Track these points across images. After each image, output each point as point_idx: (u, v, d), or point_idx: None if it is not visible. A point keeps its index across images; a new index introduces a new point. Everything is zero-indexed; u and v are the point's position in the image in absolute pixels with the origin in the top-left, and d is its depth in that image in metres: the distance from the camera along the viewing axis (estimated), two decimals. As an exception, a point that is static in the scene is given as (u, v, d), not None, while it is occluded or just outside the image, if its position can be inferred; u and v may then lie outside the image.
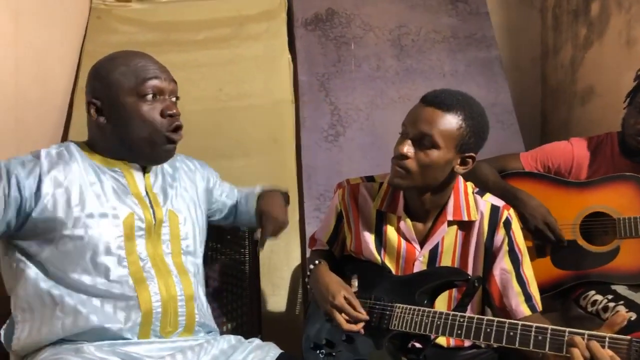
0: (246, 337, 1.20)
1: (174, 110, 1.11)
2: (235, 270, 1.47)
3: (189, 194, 1.25)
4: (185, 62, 2.22)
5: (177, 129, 1.13)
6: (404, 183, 1.19)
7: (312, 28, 2.40)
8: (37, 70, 1.83)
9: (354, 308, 1.19)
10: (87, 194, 1.07)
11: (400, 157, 1.16)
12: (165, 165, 1.23)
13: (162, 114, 1.11)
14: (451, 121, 1.13)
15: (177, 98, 1.17)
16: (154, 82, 1.10)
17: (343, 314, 1.19)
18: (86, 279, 1.04)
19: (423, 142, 1.14)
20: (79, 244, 1.04)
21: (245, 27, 2.36)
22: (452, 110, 1.13)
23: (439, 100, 1.14)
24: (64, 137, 2.06)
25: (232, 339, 1.17)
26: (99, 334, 1.03)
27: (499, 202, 1.27)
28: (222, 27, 2.35)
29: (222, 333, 1.29)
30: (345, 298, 1.20)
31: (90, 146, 1.15)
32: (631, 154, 1.54)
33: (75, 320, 1.02)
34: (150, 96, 1.10)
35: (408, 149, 1.15)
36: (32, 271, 1.05)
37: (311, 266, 1.34)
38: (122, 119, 1.09)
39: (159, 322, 1.07)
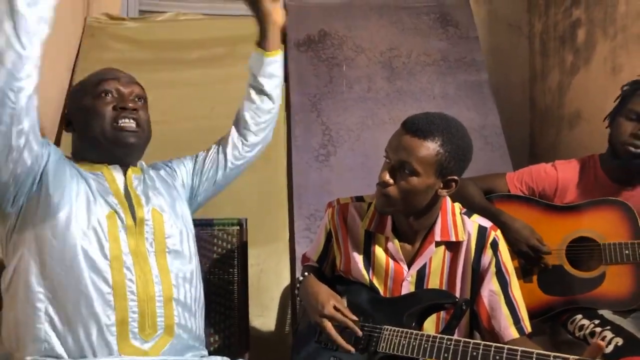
0: (234, 358, 1.20)
1: (129, 104, 1.15)
2: (223, 290, 1.46)
3: (172, 192, 1.27)
4: (178, 81, 2.24)
5: (127, 118, 1.15)
6: (389, 209, 1.23)
7: (305, 49, 2.43)
8: (30, 87, 1.83)
9: (344, 316, 1.20)
10: (71, 194, 1.09)
11: (382, 185, 1.19)
12: (150, 170, 1.28)
13: (115, 108, 1.15)
14: (429, 148, 1.15)
15: (143, 100, 1.21)
16: (111, 83, 1.17)
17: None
18: (71, 281, 1.05)
19: (403, 169, 1.16)
20: (61, 244, 1.05)
21: (239, 47, 2.37)
22: (430, 137, 1.15)
23: (415, 128, 1.16)
24: (55, 153, 2.05)
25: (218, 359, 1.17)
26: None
27: (487, 223, 1.28)
28: (215, 46, 2.37)
29: (210, 353, 1.27)
30: (335, 307, 1.20)
31: (73, 157, 1.21)
32: (620, 171, 1.54)
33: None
34: (107, 97, 1.16)
35: (389, 176, 1.18)
36: (25, 287, 1.05)
37: (300, 278, 1.35)
38: (83, 121, 1.16)
39: (137, 323, 1.07)
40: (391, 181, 1.18)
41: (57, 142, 2.06)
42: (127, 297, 1.07)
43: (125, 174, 1.20)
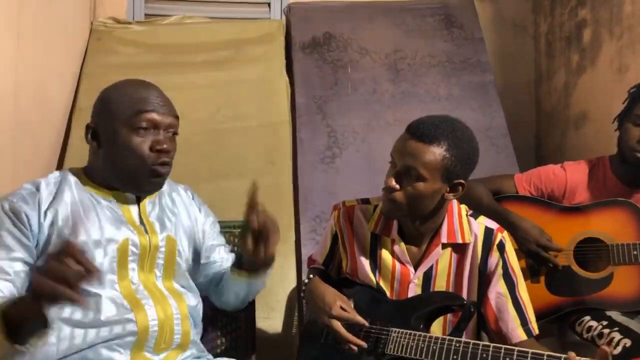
0: None
1: (164, 145, 1.11)
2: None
3: (188, 228, 1.24)
4: (183, 84, 2.25)
5: (164, 164, 1.12)
6: (395, 214, 1.23)
7: (310, 51, 2.44)
8: (37, 92, 1.84)
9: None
10: (82, 223, 1.07)
11: (389, 190, 1.19)
12: (165, 197, 1.23)
13: (152, 148, 1.10)
14: (435, 153, 1.14)
15: (175, 133, 1.16)
16: (149, 116, 1.10)
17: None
18: (88, 314, 1.04)
19: (409, 174, 1.16)
20: None
21: (244, 50, 2.39)
22: (435, 142, 1.14)
23: (420, 133, 1.15)
24: (61, 159, 2.06)
25: None
26: (92, 350, 1.03)
27: (493, 225, 1.28)
28: (221, 49, 2.38)
29: (216, 355, 1.28)
30: (342, 308, 1.20)
31: (87, 173, 1.16)
32: (629, 175, 1.54)
33: (70, 345, 1.02)
34: (142, 130, 1.10)
35: (395, 182, 1.18)
36: None
37: (306, 280, 1.35)
38: (113, 147, 1.10)
39: (155, 340, 1.08)
40: (397, 186, 1.18)
41: (63, 150, 2.06)
42: (148, 317, 1.07)
43: (138, 203, 1.17)
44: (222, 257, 1.32)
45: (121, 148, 1.09)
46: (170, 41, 2.39)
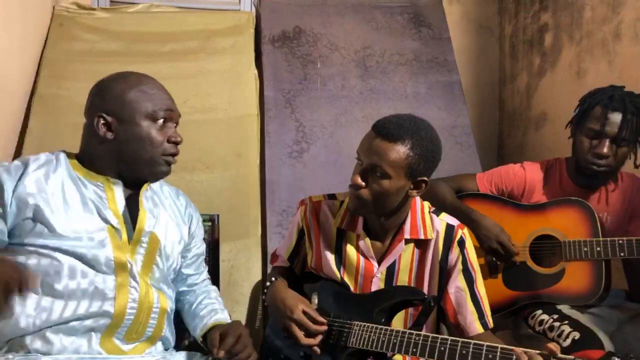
0: (204, 353, 1.21)
1: (179, 139, 1.19)
2: (194, 286, 1.45)
3: (175, 228, 1.25)
4: (149, 73, 2.15)
5: (175, 154, 1.21)
6: (361, 210, 1.25)
7: (279, 45, 2.43)
8: (-6, 75, 1.77)
9: (313, 321, 1.21)
10: (67, 206, 1.09)
11: (355, 187, 1.21)
12: (161, 195, 1.27)
13: (169, 140, 1.18)
14: (399, 151, 1.17)
15: (177, 124, 1.23)
16: (168, 111, 1.18)
17: (301, 329, 1.20)
18: (69, 285, 1.06)
19: (375, 171, 1.19)
20: (58, 256, 1.06)
21: (212, 40, 2.36)
22: (400, 140, 1.17)
23: (386, 132, 1.18)
24: (19, 144, 1.99)
25: (187, 355, 1.19)
26: (66, 327, 1.05)
27: (454, 222, 1.31)
28: (188, 39, 2.34)
29: (181, 349, 1.29)
30: (303, 312, 1.21)
31: (80, 158, 1.18)
32: (583, 179, 1.60)
33: (48, 317, 1.04)
34: (161, 122, 1.17)
35: (361, 179, 1.20)
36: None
37: (268, 283, 1.36)
38: (133, 138, 1.14)
39: (127, 327, 1.10)
40: (363, 184, 1.20)
41: (22, 135, 2.00)
42: (127, 304, 1.10)
43: (124, 192, 1.18)
44: (195, 273, 1.36)
45: (142, 139, 1.15)
46: (136, 29, 2.33)
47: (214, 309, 1.29)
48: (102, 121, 1.13)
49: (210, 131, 2.15)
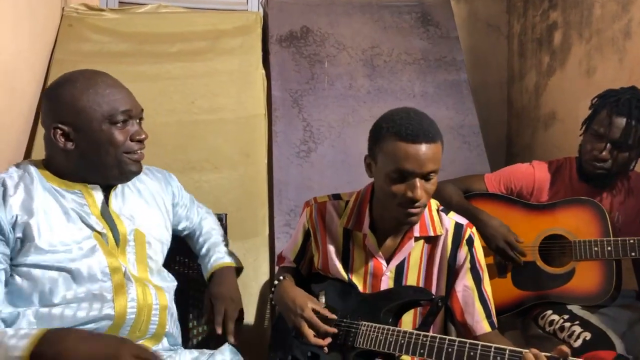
0: (213, 347, 1.21)
1: (143, 136, 1.15)
2: (202, 286, 1.46)
3: (155, 211, 1.26)
4: (158, 74, 2.22)
5: (140, 149, 1.17)
6: (418, 218, 1.23)
7: (287, 45, 2.43)
8: (4, 79, 1.78)
9: (323, 320, 1.21)
10: (50, 219, 1.07)
11: (424, 205, 1.19)
12: (130, 185, 1.24)
13: (132, 139, 1.14)
14: (440, 146, 1.18)
15: (142, 119, 1.19)
16: (126, 112, 1.12)
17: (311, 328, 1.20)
18: (66, 296, 1.06)
19: (430, 176, 1.17)
20: (50, 272, 1.06)
21: (220, 41, 2.36)
22: (438, 136, 1.17)
23: (427, 134, 1.14)
24: (29, 146, 2.01)
25: (195, 352, 1.19)
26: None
27: (463, 220, 1.31)
28: (197, 40, 2.35)
29: (189, 347, 1.30)
30: (313, 310, 1.21)
31: (48, 167, 1.14)
32: (588, 179, 1.61)
33: (49, 324, 1.04)
34: (122, 123, 1.12)
35: (423, 192, 1.17)
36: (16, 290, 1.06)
37: (275, 282, 1.36)
38: (94, 145, 1.10)
39: (130, 327, 1.10)
40: (425, 196, 1.18)
41: (31, 139, 2.01)
42: (127, 304, 1.11)
43: (104, 194, 1.17)
44: (191, 223, 1.44)
45: (103, 144, 1.10)
46: (145, 30, 2.34)
47: (208, 248, 1.41)
48: (59, 132, 1.08)
49: (218, 131, 2.16)
